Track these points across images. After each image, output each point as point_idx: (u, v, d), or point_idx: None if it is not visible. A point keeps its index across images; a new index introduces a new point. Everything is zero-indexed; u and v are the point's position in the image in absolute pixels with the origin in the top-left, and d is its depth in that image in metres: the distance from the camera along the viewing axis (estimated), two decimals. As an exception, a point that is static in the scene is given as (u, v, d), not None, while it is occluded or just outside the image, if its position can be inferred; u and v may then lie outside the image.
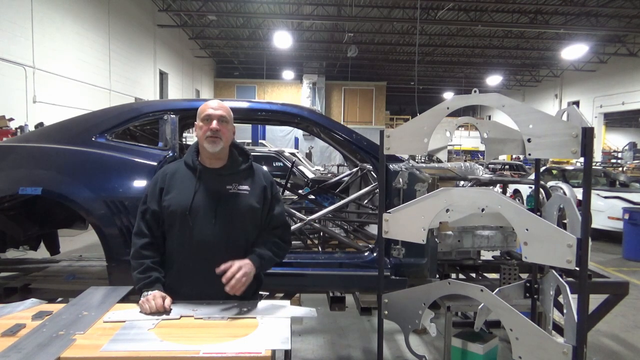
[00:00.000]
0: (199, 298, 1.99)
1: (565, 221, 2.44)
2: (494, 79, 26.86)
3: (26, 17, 9.88)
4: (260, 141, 18.14)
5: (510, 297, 2.46)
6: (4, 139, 6.78)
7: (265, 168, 2.29)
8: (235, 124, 2.18)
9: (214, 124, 2.00)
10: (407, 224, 2.38)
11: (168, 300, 1.90)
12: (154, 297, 1.88)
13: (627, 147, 24.03)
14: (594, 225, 8.35)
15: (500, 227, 3.14)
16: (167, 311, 1.86)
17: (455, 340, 2.89)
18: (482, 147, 23.35)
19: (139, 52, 16.44)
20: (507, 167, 18.43)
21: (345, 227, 4.17)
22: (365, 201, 4.17)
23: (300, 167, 10.97)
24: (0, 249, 3.40)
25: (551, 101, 28.04)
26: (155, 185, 2.08)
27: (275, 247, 2.14)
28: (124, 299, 2.09)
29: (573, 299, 2.06)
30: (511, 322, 2.11)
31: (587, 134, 1.94)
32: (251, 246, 2.11)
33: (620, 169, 18.88)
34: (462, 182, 3.40)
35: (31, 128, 8.66)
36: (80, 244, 6.90)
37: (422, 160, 18.13)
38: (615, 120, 28.91)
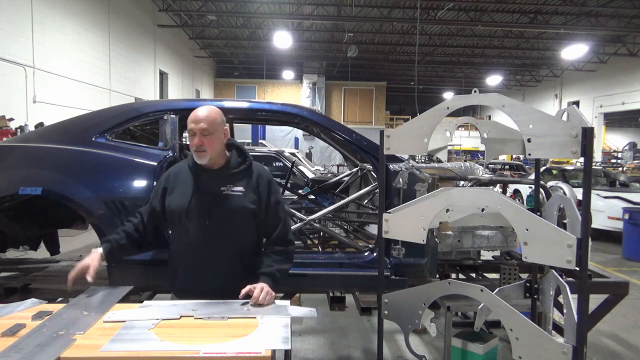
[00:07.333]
0: (194, 296, 2.02)
1: (565, 221, 2.43)
2: (494, 79, 26.85)
3: (26, 17, 9.87)
4: (260, 141, 18.14)
5: (510, 297, 2.45)
6: (4, 139, 6.77)
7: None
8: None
9: (196, 140, 2.04)
10: (407, 224, 2.38)
11: (92, 270, 2.00)
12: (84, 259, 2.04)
13: (627, 147, 24.04)
14: (594, 225, 8.34)
15: (500, 227, 3.13)
16: (86, 278, 1.98)
17: (455, 340, 2.89)
18: (482, 147, 23.33)
19: (139, 52, 16.43)
20: (507, 167, 18.41)
21: (345, 227, 4.17)
22: (365, 201, 4.17)
23: (300, 167, 10.95)
24: (0, 249, 3.40)
25: (551, 101, 28.02)
26: (160, 184, 2.22)
27: (281, 256, 2.16)
28: (124, 299, 2.09)
29: (573, 299, 2.06)
30: (511, 322, 2.11)
31: (587, 134, 1.94)
32: (252, 248, 2.16)
33: (620, 169, 18.88)
34: (462, 182, 3.39)
35: (31, 128, 8.64)
36: (80, 244, 6.89)
37: (422, 160, 18.12)
38: (615, 120, 28.88)
